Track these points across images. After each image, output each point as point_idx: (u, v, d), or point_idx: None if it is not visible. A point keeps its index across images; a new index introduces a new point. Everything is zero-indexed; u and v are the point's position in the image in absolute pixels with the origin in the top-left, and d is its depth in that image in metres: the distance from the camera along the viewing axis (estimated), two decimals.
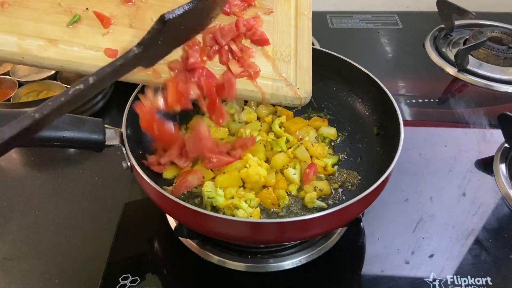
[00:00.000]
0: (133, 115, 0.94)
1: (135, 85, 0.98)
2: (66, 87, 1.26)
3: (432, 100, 1.38)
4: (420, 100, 1.37)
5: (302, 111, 1.15)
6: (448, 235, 0.99)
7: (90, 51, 0.80)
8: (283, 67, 0.95)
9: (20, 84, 1.26)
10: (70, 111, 0.60)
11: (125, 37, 0.83)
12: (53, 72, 1.30)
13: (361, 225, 1.00)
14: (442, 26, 1.67)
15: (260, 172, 0.91)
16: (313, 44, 1.55)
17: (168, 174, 0.97)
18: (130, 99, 0.95)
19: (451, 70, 1.49)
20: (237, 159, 0.95)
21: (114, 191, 1.07)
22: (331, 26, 1.73)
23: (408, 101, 1.37)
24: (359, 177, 0.99)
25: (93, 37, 0.81)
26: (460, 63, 1.45)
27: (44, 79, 1.29)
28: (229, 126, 1.08)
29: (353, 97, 1.11)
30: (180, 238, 0.95)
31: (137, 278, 0.88)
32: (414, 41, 1.65)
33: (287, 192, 0.95)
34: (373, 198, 0.85)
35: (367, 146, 1.04)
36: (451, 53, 1.55)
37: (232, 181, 0.92)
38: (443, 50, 1.58)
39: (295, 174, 0.95)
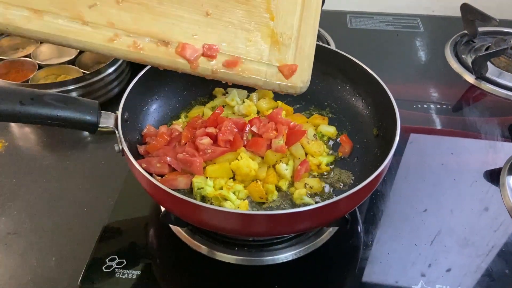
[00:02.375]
0: (133, 99, 0.96)
1: (149, 71, 1.01)
2: (84, 72, 1.29)
3: (445, 106, 1.34)
4: (432, 106, 1.33)
5: (304, 108, 1.15)
6: (443, 244, 0.96)
7: (75, 24, 0.78)
8: (282, 51, 0.88)
9: (40, 66, 1.30)
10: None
11: (112, 10, 0.81)
12: (72, 56, 1.35)
13: (358, 227, 0.98)
14: (465, 32, 1.61)
15: (251, 165, 0.91)
16: (328, 44, 1.55)
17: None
18: (132, 83, 0.97)
19: (469, 78, 1.44)
20: (232, 150, 0.95)
21: (117, 176, 1.09)
22: (350, 26, 1.70)
23: (419, 106, 1.33)
24: (353, 178, 0.98)
25: (79, 9, 0.79)
26: (477, 70, 1.39)
27: (63, 63, 1.33)
28: None
29: (356, 97, 1.09)
30: (170, 226, 0.96)
31: (124, 260, 0.90)
32: (434, 45, 1.60)
33: (277, 188, 0.94)
34: (361, 198, 0.83)
35: (365, 147, 1.03)
36: (471, 60, 1.49)
37: (222, 172, 0.92)
38: (463, 56, 1.53)
39: (287, 170, 0.95)
